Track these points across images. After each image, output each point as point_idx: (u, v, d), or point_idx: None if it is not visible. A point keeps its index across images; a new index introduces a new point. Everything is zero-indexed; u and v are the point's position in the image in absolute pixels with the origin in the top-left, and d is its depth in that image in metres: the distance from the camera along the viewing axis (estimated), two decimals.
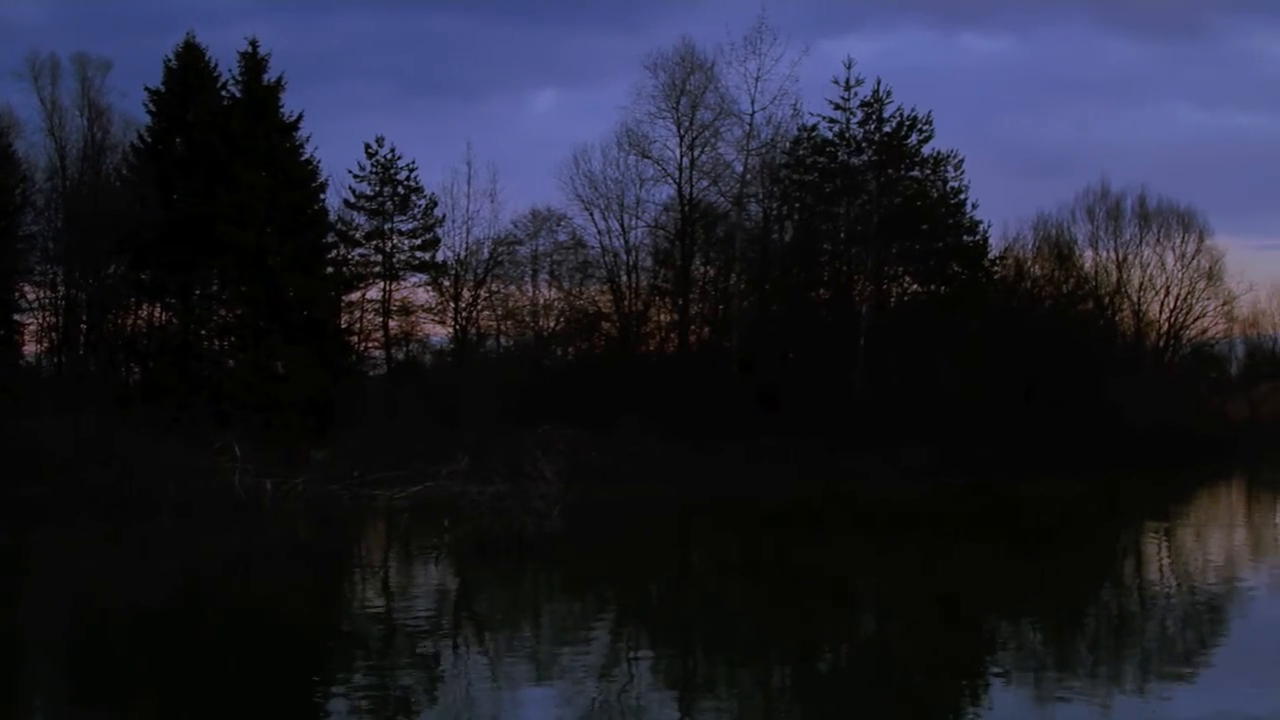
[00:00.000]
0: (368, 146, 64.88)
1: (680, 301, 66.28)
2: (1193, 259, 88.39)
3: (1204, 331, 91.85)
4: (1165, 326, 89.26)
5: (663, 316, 68.22)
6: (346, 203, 64.47)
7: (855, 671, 21.51)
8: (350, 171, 64.60)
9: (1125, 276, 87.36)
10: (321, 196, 60.34)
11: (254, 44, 57.73)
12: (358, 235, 65.09)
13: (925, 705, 18.71)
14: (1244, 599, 27.21)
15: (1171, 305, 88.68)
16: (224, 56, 58.79)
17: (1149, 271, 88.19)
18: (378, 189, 65.04)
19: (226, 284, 55.83)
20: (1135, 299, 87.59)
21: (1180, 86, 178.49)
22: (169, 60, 56.91)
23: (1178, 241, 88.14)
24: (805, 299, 67.81)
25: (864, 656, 22.76)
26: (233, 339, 56.69)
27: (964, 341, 64.02)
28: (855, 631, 25.44)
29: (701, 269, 67.89)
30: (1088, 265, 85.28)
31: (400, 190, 65.33)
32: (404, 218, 65.72)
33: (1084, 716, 17.34)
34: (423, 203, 65.64)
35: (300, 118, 58.68)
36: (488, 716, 17.47)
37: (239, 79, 57.81)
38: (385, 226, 65.33)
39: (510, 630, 24.46)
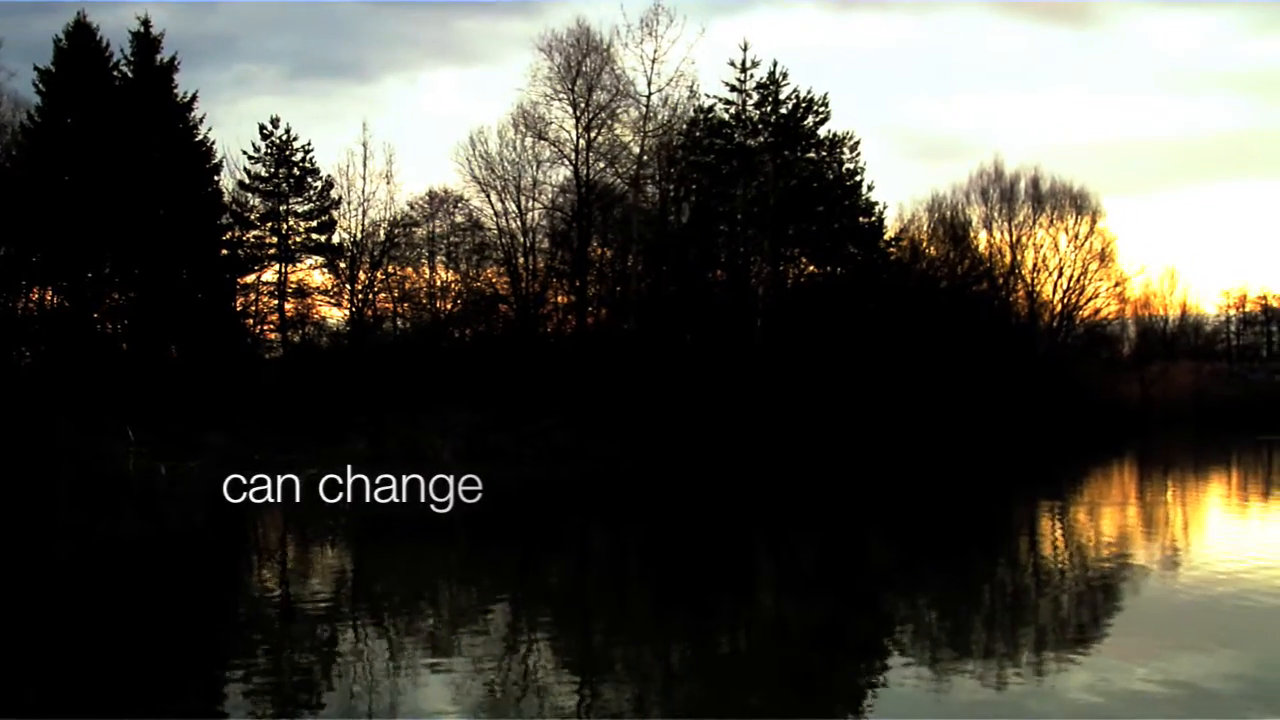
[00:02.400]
0: (262, 128, 64.41)
1: (578, 283, 66.30)
2: (1085, 240, 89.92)
3: (1096, 312, 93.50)
4: (1059, 307, 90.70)
5: (560, 298, 68.27)
6: (241, 184, 64.00)
7: (754, 649, 21.62)
8: (245, 153, 64.19)
9: (1019, 257, 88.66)
10: (215, 178, 59.98)
11: (146, 23, 57.26)
12: (253, 217, 64.59)
13: (821, 682, 18.86)
14: (1134, 575, 27.58)
15: (1065, 286, 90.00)
16: (116, 36, 58.27)
17: (1043, 252, 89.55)
18: (273, 170, 64.53)
19: (119, 267, 55.20)
20: (1029, 280, 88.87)
21: (1074, 71, 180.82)
22: (59, 40, 56.19)
23: (1071, 223, 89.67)
24: (702, 280, 68.02)
25: (763, 635, 22.86)
26: (126, 322, 56.13)
27: (860, 322, 64.52)
28: (754, 611, 25.56)
29: (599, 250, 67.93)
30: (982, 246, 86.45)
31: (295, 172, 64.83)
32: (299, 199, 65.26)
33: (978, 690, 17.55)
34: (318, 184, 65.23)
35: (194, 98, 58.28)
36: (387, 698, 17.40)
37: (131, 59, 57.24)
38: (280, 208, 64.83)
39: (409, 612, 24.39)
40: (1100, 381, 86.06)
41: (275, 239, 64.72)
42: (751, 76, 68.63)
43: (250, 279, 64.30)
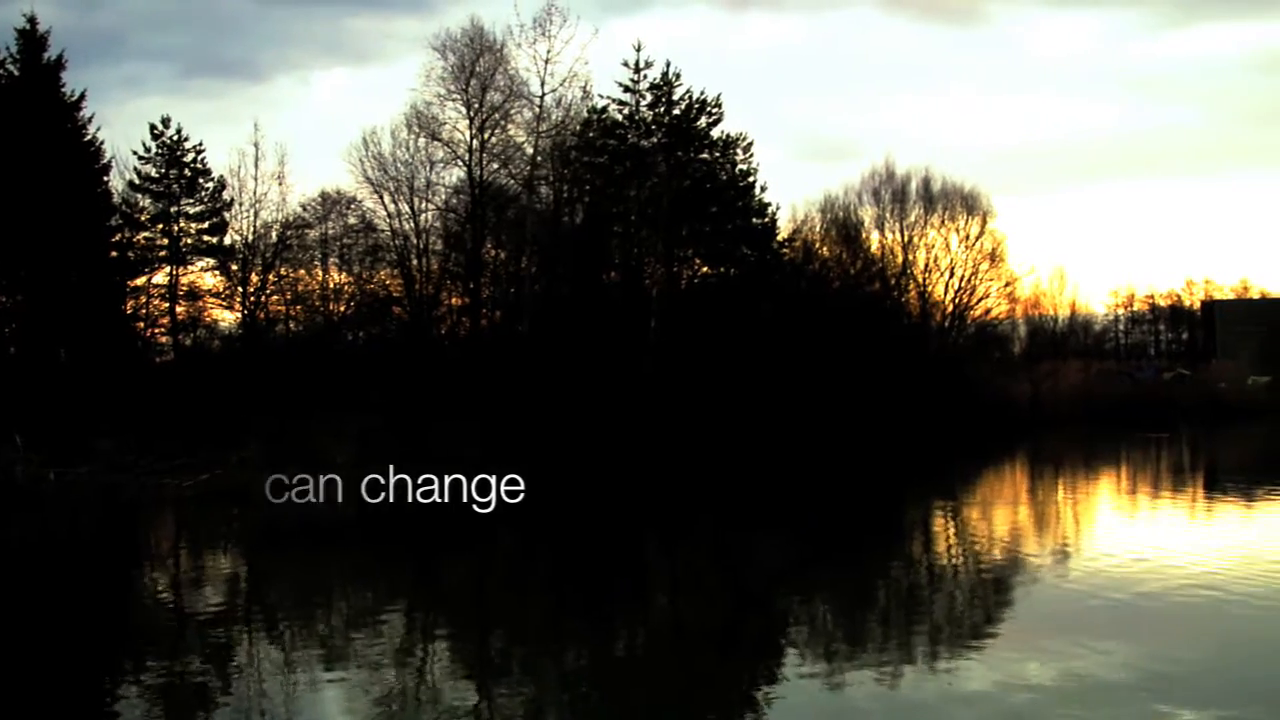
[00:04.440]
0: (153, 127, 63.70)
1: (472, 285, 66.03)
2: (976, 240, 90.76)
3: (987, 312, 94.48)
4: (950, 307, 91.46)
5: (454, 300, 67.93)
6: (131, 185, 63.18)
7: (650, 652, 21.69)
8: (135, 153, 63.36)
9: (911, 258, 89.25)
10: (105, 179, 59.32)
11: (32, 20, 56.59)
12: (143, 218, 63.86)
13: (717, 683, 18.94)
14: (1026, 572, 27.90)
15: (956, 286, 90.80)
16: (1, 33, 57.55)
17: (934, 253, 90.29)
18: (163, 171, 63.82)
19: (4, 269, 54.45)
20: (921, 280, 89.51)
21: (964, 71, 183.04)
22: None
23: (962, 223, 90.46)
24: (596, 282, 67.98)
25: (659, 637, 22.94)
26: (12, 325, 55.38)
27: (754, 323, 64.78)
28: (650, 613, 25.62)
29: (492, 252, 67.66)
30: (874, 247, 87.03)
31: (187, 173, 64.17)
32: (191, 201, 64.53)
33: (874, 688, 17.70)
34: (210, 185, 64.56)
35: (82, 97, 57.69)
36: (282, 706, 17.31)
37: (16, 57, 56.54)
38: (171, 209, 64.12)
39: (303, 619, 24.25)
40: (992, 381, 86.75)
41: (166, 241, 64.01)
42: (645, 77, 68.89)
43: (140, 281, 63.62)
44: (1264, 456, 68.70)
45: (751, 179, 70.91)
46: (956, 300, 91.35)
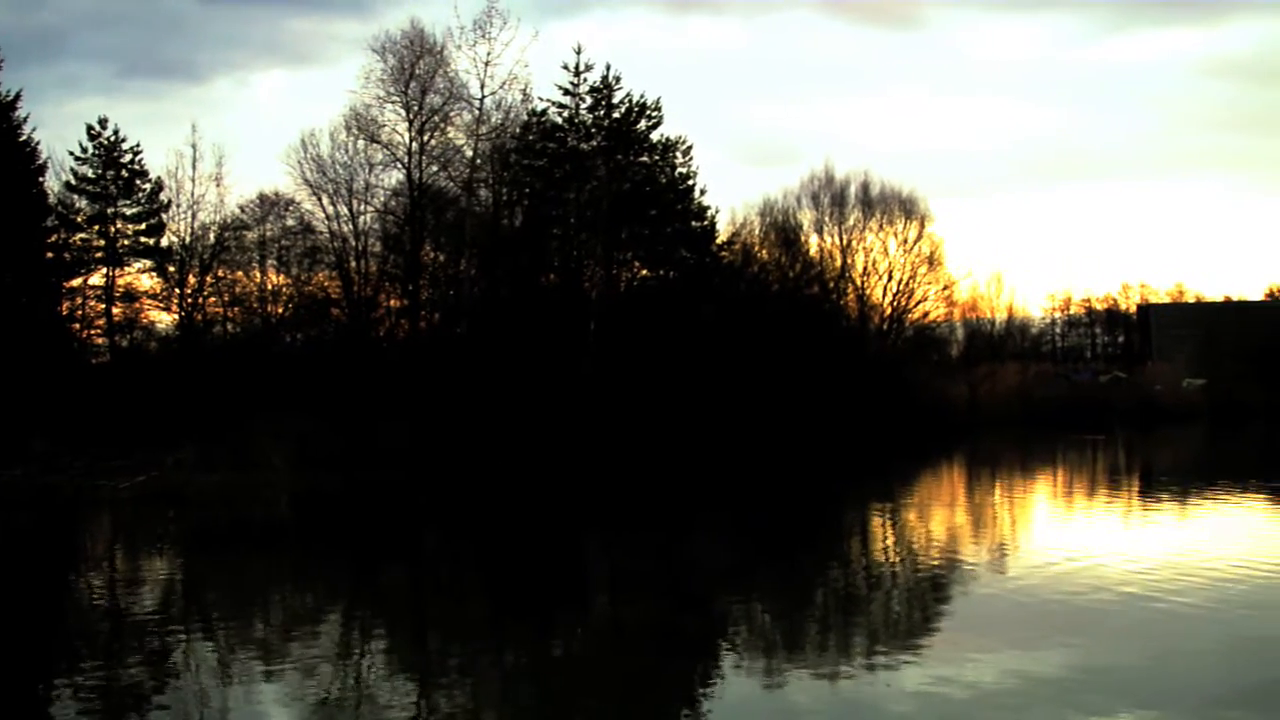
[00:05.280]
0: (90, 128, 63.35)
1: (411, 287, 65.84)
2: (914, 244, 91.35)
3: (925, 315, 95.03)
4: (889, 310, 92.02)
5: (393, 302, 67.72)
6: (68, 185, 62.84)
7: (589, 653, 21.70)
8: (71, 154, 63.01)
9: (850, 261, 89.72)
10: (40, 179, 58.82)
11: None
12: (79, 219, 63.47)
13: (656, 684, 18.98)
14: (962, 574, 28.04)
15: (894, 289, 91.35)
16: None
17: (872, 256, 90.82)
18: (100, 172, 63.45)
19: None
20: (859, 283, 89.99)
21: (902, 75, 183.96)
22: None
23: (900, 227, 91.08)
24: (535, 284, 67.90)
25: (598, 638, 22.96)
26: None
27: (694, 325, 64.86)
28: (589, 614, 25.63)
29: (431, 254, 67.47)
30: (813, 250, 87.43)
31: (124, 174, 63.81)
32: (128, 202, 64.20)
33: (812, 689, 17.78)
34: (148, 186, 64.21)
35: (18, 97, 57.25)
36: (219, 711, 17.25)
37: None
38: (108, 210, 63.76)
39: (239, 622, 24.15)
40: (930, 383, 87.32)
41: (103, 242, 63.65)
42: (585, 80, 68.85)
43: (77, 283, 63.26)
44: (1198, 458, 69.40)
45: (691, 182, 71.05)
46: (895, 303, 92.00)
